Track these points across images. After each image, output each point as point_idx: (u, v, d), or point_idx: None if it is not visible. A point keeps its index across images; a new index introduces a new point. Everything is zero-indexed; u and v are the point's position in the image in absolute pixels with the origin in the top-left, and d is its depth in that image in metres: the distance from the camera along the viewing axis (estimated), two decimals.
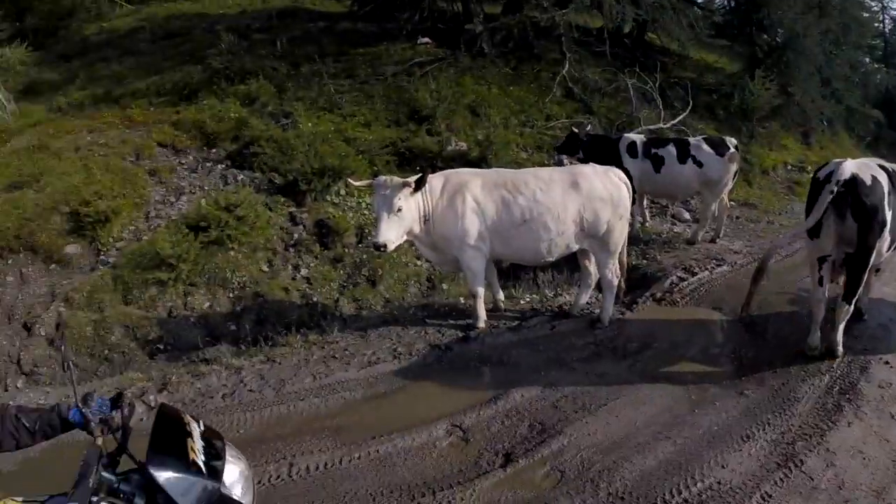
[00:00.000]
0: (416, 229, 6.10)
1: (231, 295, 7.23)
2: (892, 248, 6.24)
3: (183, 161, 9.16)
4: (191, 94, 10.83)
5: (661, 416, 5.29)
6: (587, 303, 7.23)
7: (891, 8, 30.81)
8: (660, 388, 5.67)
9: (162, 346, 6.68)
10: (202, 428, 2.82)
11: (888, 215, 5.76)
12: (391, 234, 5.78)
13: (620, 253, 6.81)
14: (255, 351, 6.30)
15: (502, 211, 6.13)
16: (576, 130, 9.50)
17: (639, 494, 4.37)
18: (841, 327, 6.17)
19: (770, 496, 4.42)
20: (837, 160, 5.96)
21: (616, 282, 6.78)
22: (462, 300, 7.36)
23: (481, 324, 6.60)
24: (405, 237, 6.11)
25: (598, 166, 6.67)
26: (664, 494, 4.33)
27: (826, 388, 5.81)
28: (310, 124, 9.57)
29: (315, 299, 7.28)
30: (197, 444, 2.67)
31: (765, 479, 4.56)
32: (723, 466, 4.64)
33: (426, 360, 6.08)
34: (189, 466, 2.55)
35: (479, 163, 9.13)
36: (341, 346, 6.46)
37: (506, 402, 5.33)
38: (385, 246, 5.77)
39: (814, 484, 4.60)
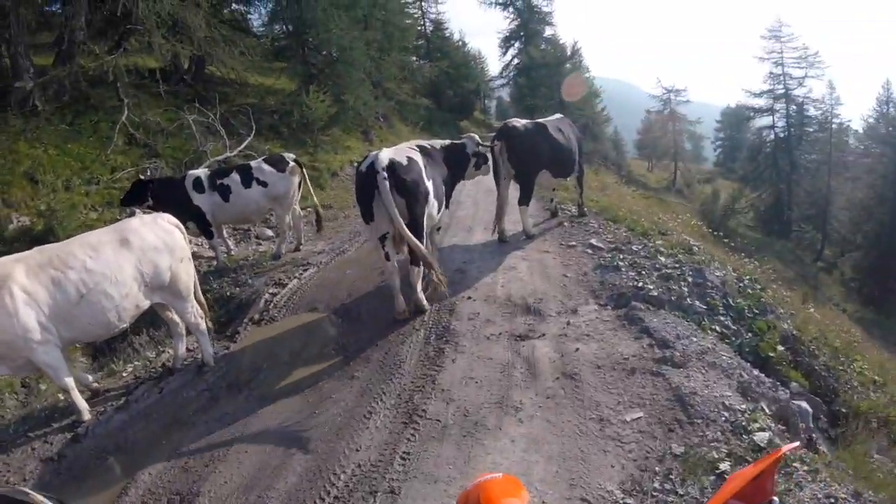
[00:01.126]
0: None
1: None
2: (442, 209, 7.57)
3: None
4: None
5: (286, 432, 5.31)
6: (188, 350, 6.98)
7: (429, 12, 36.02)
8: (280, 406, 5.73)
9: None
10: None
11: (429, 185, 6.93)
12: None
13: (196, 292, 6.64)
14: None
15: (55, 292, 5.39)
16: (143, 178, 9.36)
17: None
18: (419, 285, 7.15)
19: (408, 454, 4.72)
20: (374, 152, 6.90)
21: (203, 323, 6.62)
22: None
23: (86, 416, 5.89)
24: None
25: (145, 216, 6.49)
26: (314, 502, 4.38)
27: (424, 341, 6.56)
28: None
29: None
30: None
31: (398, 442, 4.87)
32: (357, 450, 4.85)
33: (42, 479, 5.18)
34: None
35: (48, 236, 8.52)
36: None
37: (136, 488, 4.84)
38: None
39: (442, 424, 5.05)
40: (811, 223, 34.77)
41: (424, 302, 7.27)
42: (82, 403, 5.97)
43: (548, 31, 39.22)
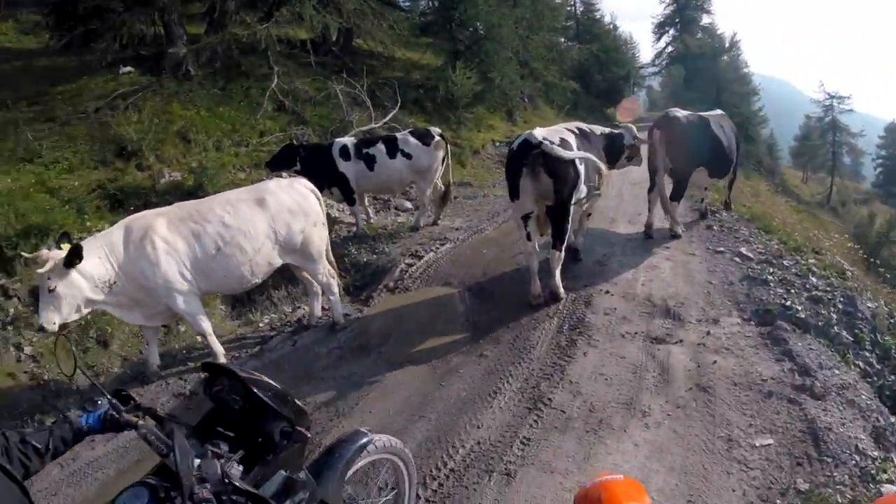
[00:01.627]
0: (100, 297, 5.36)
1: None
2: (592, 196, 7.39)
3: None
4: None
5: (412, 398, 5.34)
6: (323, 309, 7.15)
7: None
8: (407, 373, 5.76)
9: None
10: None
11: (581, 168, 6.65)
12: (52, 315, 5.05)
13: (328, 255, 6.76)
14: None
15: (195, 245, 5.68)
16: (295, 143, 9.61)
17: None
18: (557, 272, 6.95)
19: (529, 439, 4.64)
20: (528, 131, 6.72)
21: (335, 283, 6.74)
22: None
23: (221, 359, 6.07)
24: (83, 311, 5.35)
25: (282, 180, 6.70)
26: (430, 471, 4.35)
27: (557, 329, 6.42)
28: (9, 180, 8.57)
29: (46, 377, 6.27)
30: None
31: (520, 426, 4.81)
32: (478, 427, 4.81)
33: (172, 414, 5.14)
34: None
35: (196, 192, 8.78)
36: None
37: None
38: (45, 329, 5.07)
39: (567, 416, 4.94)
40: None
41: (561, 289, 7.02)
42: (218, 347, 6.22)
43: (705, 20, 37.30)
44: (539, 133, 6.52)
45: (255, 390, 2.56)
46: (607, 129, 8.08)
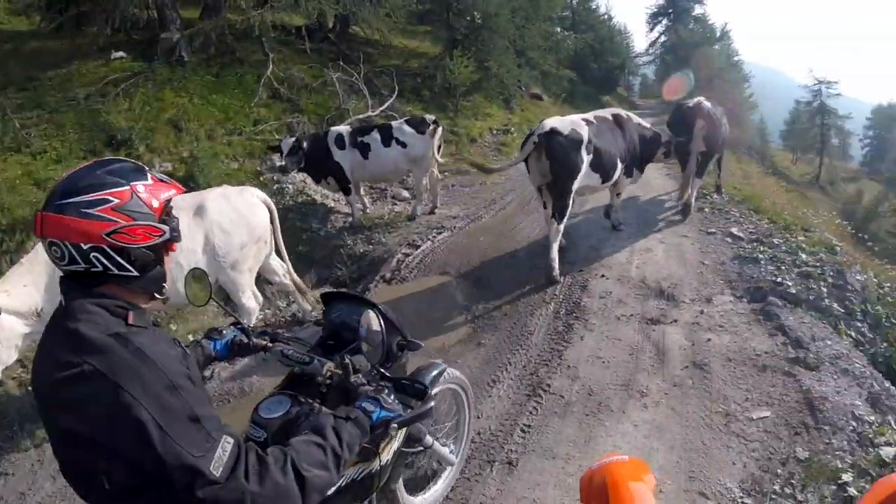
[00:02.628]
0: (35, 328, 4.73)
1: None
2: (614, 179, 7.92)
3: None
4: None
5: None
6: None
7: None
8: None
9: None
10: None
11: (584, 155, 7.15)
12: None
13: (290, 274, 6.43)
14: None
15: None
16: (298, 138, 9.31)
17: None
18: (554, 247, 7.19)
19: (529, 426, 4.67)
20: (544, 120, 7.43)
21: (256, 310, 5.96)
22: None
23: None
24: (22, 345, 4.78)
25: (230, 188, 5.99)
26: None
27: (553, 314, 6.49)
28: None
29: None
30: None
31: (520, 414, 4.82)
32: (478, 417, 4.75)
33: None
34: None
35: (188, 182, 8.60)
36: None
37: None
38: None
39: (566, 400, 4.98)
40: None
41: (556, 269, 7.26)
42: None
43: (697, 10, 37.55)
44: (549, 122, 7.22)
45: (378, 306, 2.96)
46: (648, 125, 8.80)
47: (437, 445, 3.30)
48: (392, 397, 2.33)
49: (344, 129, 9.43)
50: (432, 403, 2.45)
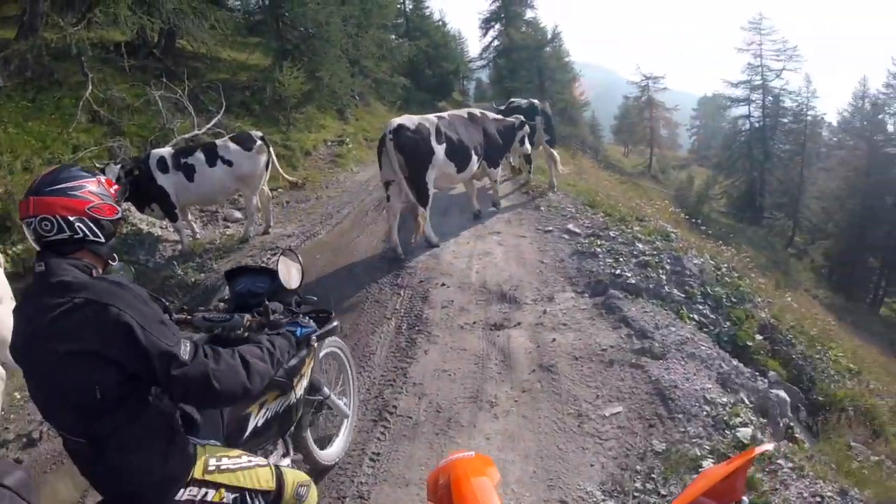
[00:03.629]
0: None
1: None
2: (471, 169, 8.80)
3: None
4: None
5: None
6: None
7: None
8: None
9: None
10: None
11: (435, 146, 8.04)
12: None
13: None
14: None
15: None
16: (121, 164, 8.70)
17: None
18: (424, 225, 8.20)
19: (378, 454, 4.42)
20: (393, 119, 8.18)
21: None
22: None
23: None
24: None
25: None
26: None
27: (395, 330, 6.30)
28: None
29: None
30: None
31: (368, 442, 4.56)
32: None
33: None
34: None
35: (4, 220, 7.98)
36: None
37: None
38: None
39: (414, 421, 4.78)
40: (783, 211, 35.20)
41: (434, 237, 8.52)
42: None
43: (528, 14, 39.03)
44: (396, 120, 8.02)
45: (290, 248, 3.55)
46: (500, 117, 10.00)
47: (334, 397, 3.92)
48: (307, 319, 3.22)
49: (166, 151, 9.06)
50: (337, 322, 3.47)
